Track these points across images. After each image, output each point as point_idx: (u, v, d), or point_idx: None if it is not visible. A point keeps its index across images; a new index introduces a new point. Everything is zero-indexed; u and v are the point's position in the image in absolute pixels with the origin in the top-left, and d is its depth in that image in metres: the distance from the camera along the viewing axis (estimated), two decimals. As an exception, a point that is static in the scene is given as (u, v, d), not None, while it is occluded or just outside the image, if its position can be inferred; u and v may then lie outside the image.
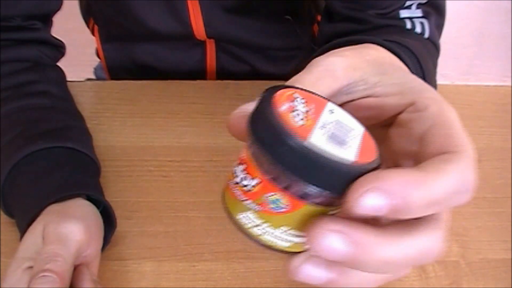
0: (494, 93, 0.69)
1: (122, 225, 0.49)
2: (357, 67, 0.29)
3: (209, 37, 0.66)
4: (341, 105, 0.28)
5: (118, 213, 0.49)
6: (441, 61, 0.58)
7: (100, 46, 0.72)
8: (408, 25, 0.53)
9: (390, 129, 0.29)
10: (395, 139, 0.28)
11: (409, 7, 0.53)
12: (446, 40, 0.59)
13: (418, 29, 0.53)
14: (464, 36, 0.76)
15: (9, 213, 0.48)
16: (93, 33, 0.73)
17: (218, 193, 0.26)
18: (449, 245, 0.51)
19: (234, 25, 0.65)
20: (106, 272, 0.46)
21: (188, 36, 0.66)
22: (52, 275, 0.38)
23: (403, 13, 0.53)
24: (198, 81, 0.64)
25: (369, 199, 0.22)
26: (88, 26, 0.74)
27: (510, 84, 0.70)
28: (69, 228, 0.42)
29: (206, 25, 0.64)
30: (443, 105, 0.27)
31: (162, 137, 0.58)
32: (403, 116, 0.28)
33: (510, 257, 0.50)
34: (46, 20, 0.59)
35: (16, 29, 0.55)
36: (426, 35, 0.53)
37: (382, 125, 0.29)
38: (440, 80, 0.54)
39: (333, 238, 0.22)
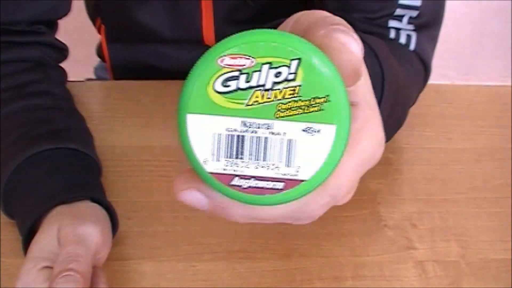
0: (494, 93, 0.69)
1: (122, 225, 0.49)
2: None
3: (217, 41, 0.66)
4: None
5: (118, 213, 0.49)
6: (441, 61, 0.58)
7: (106, 46, 0.72)
8: (392, 34, 0.52)
9: None
10: None
11: (399, 18, 0.52)
12: (446, 40, 0.59)
13: (402, 40, 0.52)
14: (464, 36, 0.76)
15: (10, 214, 0.48)
16: (99, 32, 0.73)
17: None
18: (449, 245, 0.51)
19: None
20: (106, 272, 0.46)
21: (196, 41, 0.65)
22: (75, 275, 0.38)
23: (392, 23, 0.52)
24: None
25: (191, 195, 0.24)
26: (94, 25, 0.74)
27: (510, 84, 0.70)
28: (87, 230, 0.42)
29: (217, 32, 0.64)
30: (364, 136, 0.25)
31: (162, 137, 0.58)
32: None
33: (510, 257, 0.50)
34: (52, 24, 0.59)
35: (19, 33, 0.55)
36: (412, 47, 0.52)
37: None
38: (440, 80, 0.54)
39: (191, 196, 0.24)
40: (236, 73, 0.21)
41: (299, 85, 0.21)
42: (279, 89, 0.21)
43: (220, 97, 0.22)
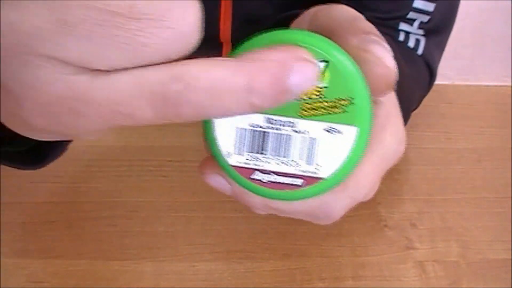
0: (494, 93, 0.69)
1: (122, 225, 0.49)
2: None
3: (232, 39, 0.66)
4: None
5: (118, 213, 0.49)
6: (441, 61, 0.58)
7: None
8: (401, 37, 0.52)
9: None
10: None
11: (410, 22, 0.52)
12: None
13: (410, 44, 0.52)
14: (464, 36, 0.75)
15: None
16: None
17: (218, 193, 0.26)
18: (449, 245, 0.51)
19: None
20: (106, 272, 0.46)
21: (212, 38, 0.65)
22: None
23: (402, 26, 0.52)
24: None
25: (215, 180, 0.24)
26: None
27: (510, 84, 0.70)
28: None
29: (233, 30, 0.64)
30: (385, 134, 0.25)
31: (162, 137, 0.58)
32: None
33: (510, 257, 0.50)
34: None
35: None
36: (420, 52, 0.52)
37: None
38: (440, 80, 0.54)
39: (215, 180, 0.24)
40: None
41: (324, 86, 0.22)
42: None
43: None
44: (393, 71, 0.23)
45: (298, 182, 0.23)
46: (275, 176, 0.23)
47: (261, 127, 0.22)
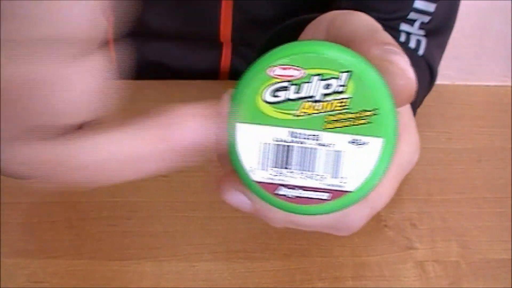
0: (494, 93, 0.69)
1: (122, 225, 0.49)
2: None
3: (233, 40, 0.65)
4: None
5: (118, 213, 0.49)
6: (441, 61, 0.58)
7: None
8: (402, 38, 0.52)
9: None
10: None
11: (411, 22, 0.52)
12: (446, 40, 0.59)
13: (412, 44, 0.52)
14: (464, 36, 0.75)
15: None
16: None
17: (218, 193, 0.26)
18: (449, 245, 0.51)
19: (262, 33, 0.65)
20: (106, 272, 0.46)
21: (212, 39, 0.65)
22: None
23: (403, 27, 0.52)
24: (198, 81, 0.64)
25: (236, 197, 0.24)
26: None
27: (510, 84, 0.70)
28: None
29: (234, 30, 0.64)
30: (401, 143, 0.25)
31: (162, 137, 0.58)
32: None
33: (510, 257, 0.50)
34: None
35: None
36: (421, 52, 0.52)
37: None
38: (440, 80, 0.54)
39: (236, 198, 0.24)
40: (286, 84, 0.21)
41: (349, 98, 0.21)
42: (328, 100, 0.21)
43: (269, 107, 0.22)
44: (414, 83, 0.23)
45: (324, 195, 0.23)
46: (300, 190, 0.23)
47: (285, 141, 0.22)
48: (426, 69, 0.54)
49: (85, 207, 0.51)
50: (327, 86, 0.21)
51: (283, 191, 0.23)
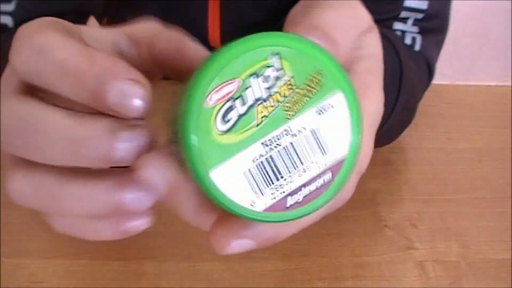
0: (494, 93, 0.69)
1: (122, 225, 0.49)
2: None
3: (222, 44, 0.65)
4: None
5: (118, 213, 0.49)
6: (441, 61, 0.58)
7: None
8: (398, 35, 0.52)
9: None
10: None
11: (404, 20, 0.52)
12: (446, 40, 0.59)
13: (407, 41, 0.52)
14: (464, 36, 0.76)
15: None
16: None
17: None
18: (449, 245, 0.51)
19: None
20: (106, 272, 0.46)
21: (201, 42, 0.65)
22: None
23: (397, 25, 0.52)
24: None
25: (237, 244, 0.23)
26: (100, 25, 0.74)
27: (510, 84, 0.70)
28: None
29: (222, 33, 0.64)
30: (367, 100, 0.24)
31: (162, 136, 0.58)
32: None
33: (510, 257, 0.50)
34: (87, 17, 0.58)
35: None
36: (417, 48, 0.52)
37: None
38: (440, 80, 0.54)
39: (240, 244, 0.23)
40: (229, 103, 0.20)
41: (291, 76, 0.20)
42: (275, 91, 0.20)
43: (228, 135, 0.20)
44: (338, 43, 0.22)
45: (327, 176, 0.21)
46: (305, 187, 0.21)
47: (263, 155, 0.20)
48: (424, 64, 0.54)
49: (85, 207, 0.51)
50: (266, 79, 0.20)
51: (291, 200, 0.21)
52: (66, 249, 0.48)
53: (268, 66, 0.20)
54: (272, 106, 0.20)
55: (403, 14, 0.51)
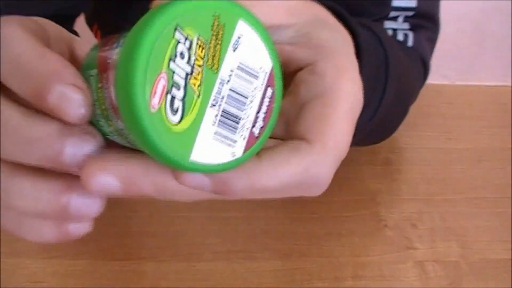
0: (494, 93, 0.69)
1: (122, 225, 0.49)
2: (300, 12, 0.26)
3: None
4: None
5: (118, 213, 0.49)
6: (441, 61, 0.58)
7: None
8: (389, 33, 0.52)
9: (290, 86, 0.26)
10: (288, 98, 0.26)
11: (394, 19, 0.52)
12: (446, 40, 0.59)
13: (399, 38, 0.52)
14: (464, 36, 0.76)
15: None
16: (96, 37, 0.73)
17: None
18: (449, 245, 0.51)
19: None
20: (106, 272, 0.46)
21: None
22: None
23: (388, 24, 0.52)
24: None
25: (193, 178, 0.21)
26: (91, 30, 0.74)
27: (510, 84, 0.70)
28: None
29: None
30: (343, 81, 0.24)
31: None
32: (299, 75, 0.25)
33: (510, 257, 0.50)
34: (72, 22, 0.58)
35: None
36: (410, 44, 0.52)
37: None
38: (440, 80, 0.54)
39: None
40: (169, 95, 0.19)
41: (198, 36, 0.20)
42: (195, 57, 0.20)
43: (184, 120, 0.20)
44: None
45: (269, 91, 0.22)
46: (260, 112, 0.22)
47: (217, 114, 0.21)
48: (417, 58, 0.54)
49: (85, 207, 0.51)
50: (182, 54, 0.20)
51: (256, 128, 0.22)
52: (66, 249, 0.48)
53: (178, 42, 0.20)
54: (199, 72, 0.20)
55: (393, 14, 0.52)
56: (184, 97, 0.20)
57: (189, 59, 0.20)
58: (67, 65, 0.21)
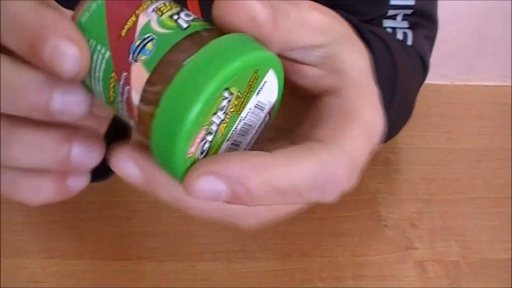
0: (494, 93, 0.69)
1: (122, 225, 0.49)
2: (329, 31, 0.25)
3: None
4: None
5: (118, 213, 0.49)
6: (441, 61, 0.58)
7: None
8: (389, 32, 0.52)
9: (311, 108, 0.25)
10: (308, 119, 0.25)
11: (393, 17, 0.52)
12: (446, 40, 0.59)
13: (399, 36, 0.52)
14: (464, 36, 0.75)
15: None
16: None
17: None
18: (449, 245, 0.51)
19: None
20: (106, 272, 0.46)
21: None
22: None
23: (387, 23, 0.52)
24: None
25: (205, 183, 0.20)
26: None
27: (510, 84, 0.70)
28: None
29: None
30: (365, 109, 0.24)
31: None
32: (323, 101, 0.24)
33: (510, 257, 0.50)
34: None
35: None
36: (409, 43, 0.52)
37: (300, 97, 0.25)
38: (440, 80, 0.54)
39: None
40: (202, 143, 0.20)
41: (238, 91, 0.20)
42: (229, 108, 0.20)
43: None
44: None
45: (266, 119, 0.23)
46: (255, 108, 0.22)
47: (229, 146, 0.22)
48: (417, 59, 0.54)
49: (85, 207, 0.51)
50: (222, 108, 0.20)
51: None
52: (66, 249, 0.48)
53: (222, 100, 0.20)
54: (229, 118, 0.21)
55: (391, 12, 0.52)
56: (211, 140, 0.21)
57: (225, 111, 0.20)
58: (64, 19, 0.21)
